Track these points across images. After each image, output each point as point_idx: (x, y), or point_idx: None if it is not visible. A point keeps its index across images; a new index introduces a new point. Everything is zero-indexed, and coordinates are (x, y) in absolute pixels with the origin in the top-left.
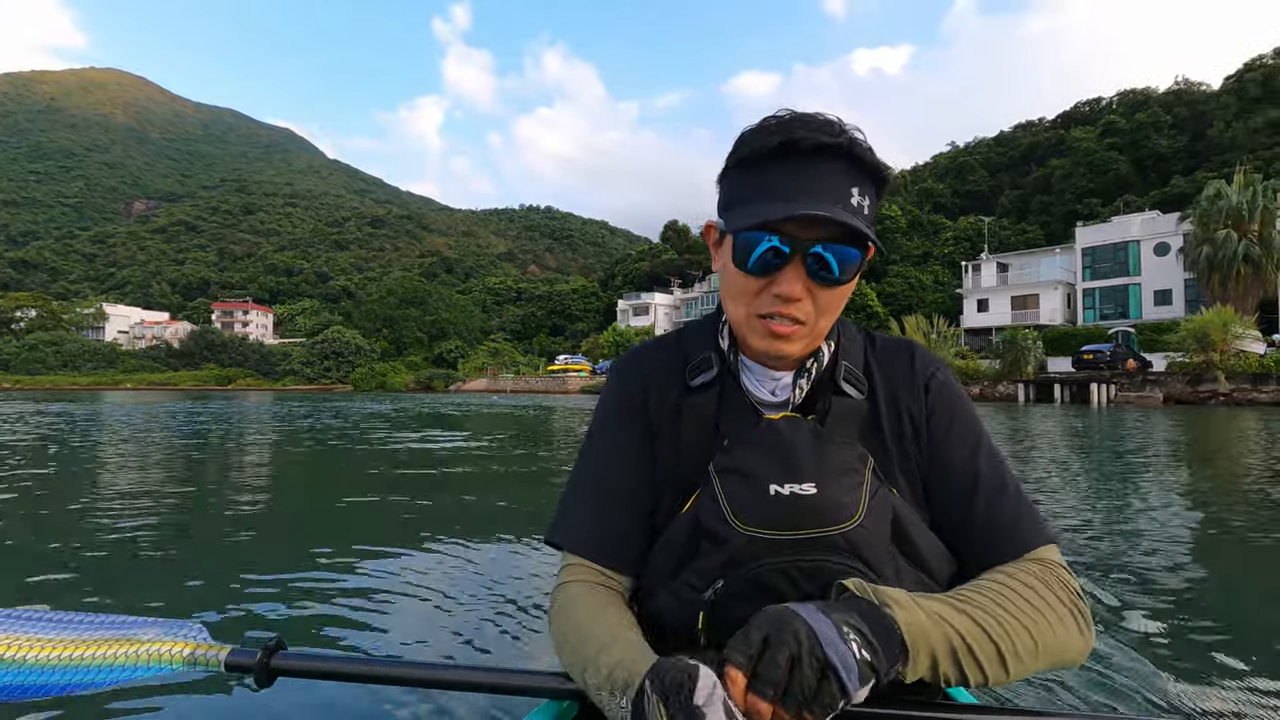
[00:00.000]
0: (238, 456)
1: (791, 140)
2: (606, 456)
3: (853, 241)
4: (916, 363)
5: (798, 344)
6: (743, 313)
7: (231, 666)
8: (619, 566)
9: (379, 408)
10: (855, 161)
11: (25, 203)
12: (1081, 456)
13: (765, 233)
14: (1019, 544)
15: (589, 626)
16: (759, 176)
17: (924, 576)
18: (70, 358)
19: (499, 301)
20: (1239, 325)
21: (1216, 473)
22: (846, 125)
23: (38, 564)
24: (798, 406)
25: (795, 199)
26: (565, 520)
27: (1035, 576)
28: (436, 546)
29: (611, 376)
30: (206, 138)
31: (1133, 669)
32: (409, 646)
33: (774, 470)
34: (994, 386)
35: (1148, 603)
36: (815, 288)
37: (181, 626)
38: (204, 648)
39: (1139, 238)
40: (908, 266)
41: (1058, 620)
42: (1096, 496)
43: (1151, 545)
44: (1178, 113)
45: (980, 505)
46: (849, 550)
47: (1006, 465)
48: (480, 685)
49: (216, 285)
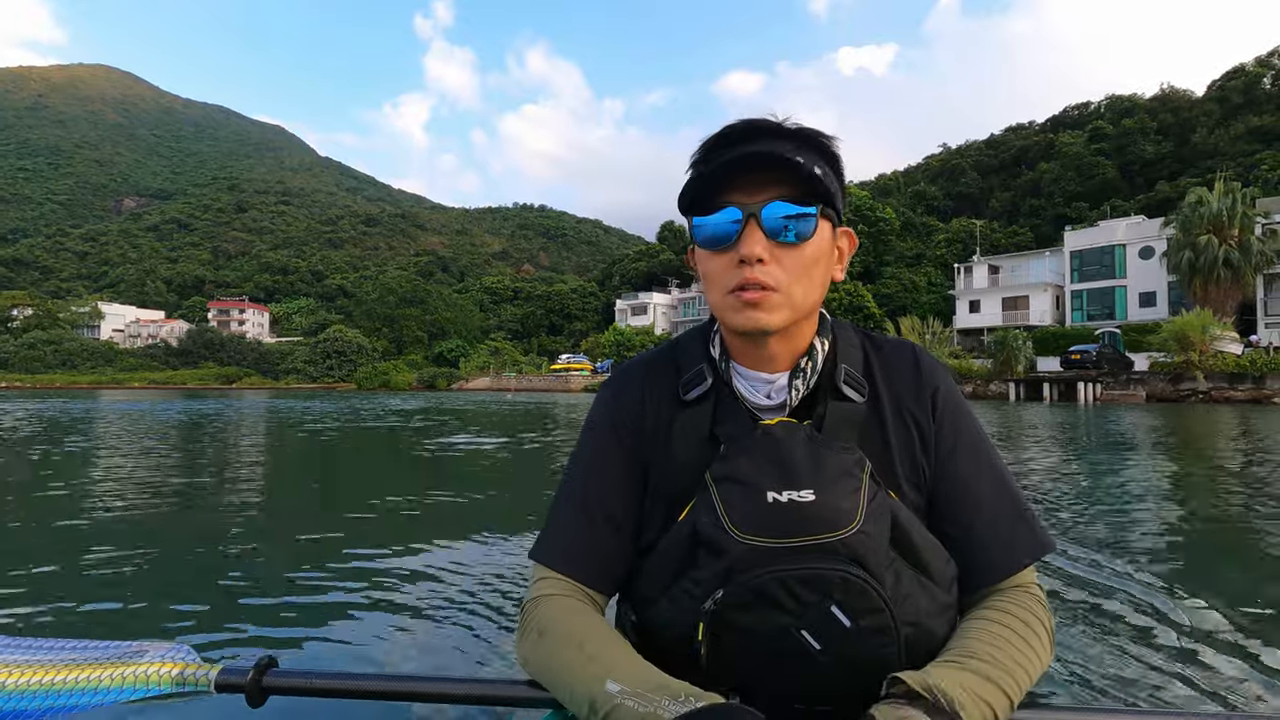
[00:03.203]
0: (241, 459)
1: (729, 128)
2: (594, 474)
3: (805, 199)
4: (922, 369)
5: (775, 314)
6: (718, 295)
7: (222, 686)
8: (599, 584)
9: (413, 404)
10: (795, 138)
11: (14, 200)
12: (1069, 447)
13: (724, 208)
14: (1014, 563)
15: (584, 645)
16: (704, 165)
17: (924, 579)
18: (69, 357)
19: (496, 301)
20: (1217, 327)
21: (1190, 459)
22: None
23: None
24: (795, 410)
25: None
26: (547, 535)
27: (1029, 611)
28: (437, 556)
29: (603, 393)
30: (197, 135)
31: (1106, 658)
32: (406, 660)
33: (771, 477)
34: (986, 385)
35: (1133, 580)
36: (777, 249)
37: (168, 648)
38: (193, 667)
39: (1125, 241)
40: (902, 268)
41: (1044, 651)
42: (1083, 480)
43: (1133, 521)
44: (1163, 119)
45: (982, 523)
46: (848, 556)
47: (1008, 474)
48: (482, 699)
49: (211, 283)
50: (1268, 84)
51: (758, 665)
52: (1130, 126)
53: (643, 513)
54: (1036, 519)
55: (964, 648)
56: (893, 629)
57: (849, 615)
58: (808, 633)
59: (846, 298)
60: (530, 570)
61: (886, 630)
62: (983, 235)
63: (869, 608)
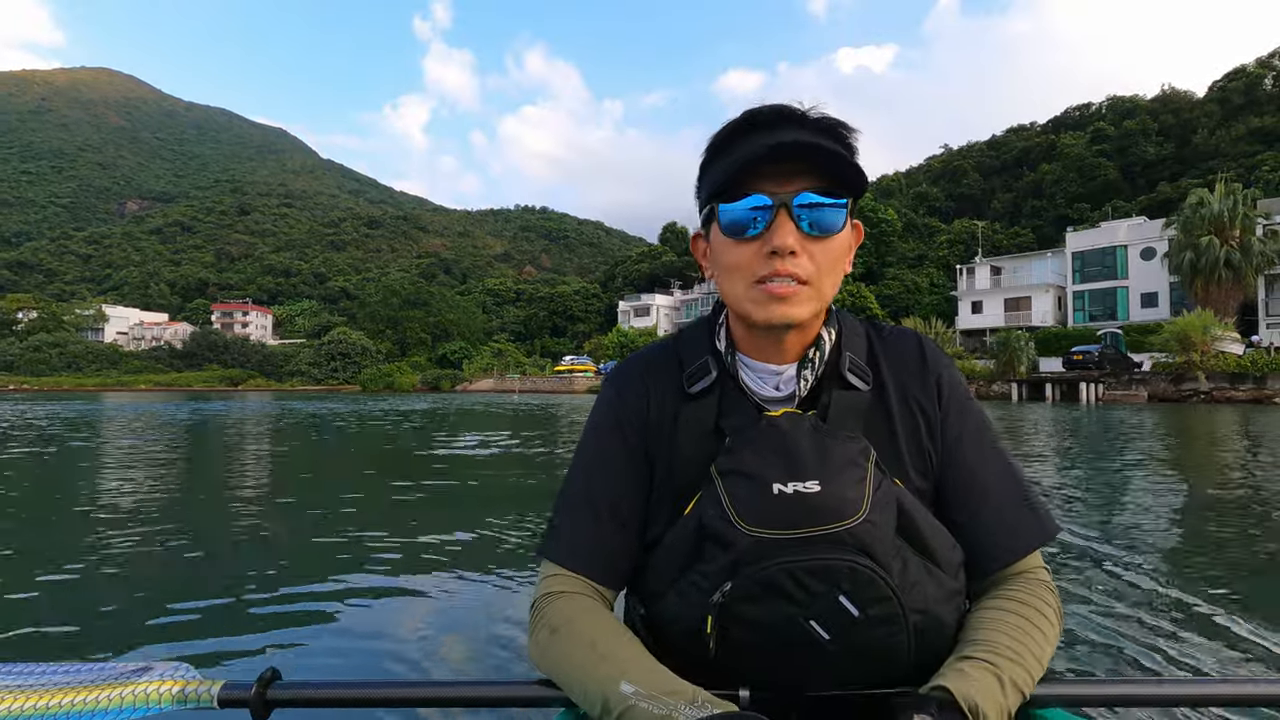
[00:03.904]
0: (242, 462)
1: (754, 112)
2: (599, 470)
3: (836, 191)
4: (927, 356)
5: (803, 307)
6: (741, 286)
7: (225, 702)
8: (607, 581)
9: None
10: (821, 128)
11: (18, 203)
12: (1073, 445)
13: (750, 195)
14: (1022, 548)
15: (596, 644)
16: (729, 152)
17: (932, 566)
18: (74, 359)
19: (499, 303)
20: (1218, 328)
21: (1191, 457)
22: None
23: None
24: (803, 400)
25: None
26: (553, 533)
27: (1041, 599)
28: (442, 561)
29: (606, 388)
30: (199, 138)
31: (1116, 630)
32: (413, 667)
33: (776, 469)
34: (989, 386)
35: (1133, 565)
36: (808, 241)
37: (168, 665)
38: (194, 684)
39: (1126, 243)
40: (904, 269)
41: (1055, 637)
42: (1088, 479)
43: (1131, 511)
44: (1164, 120)
45: (989, 510)
46: (855, 546)
47: (1013, 460)
48: (493, 701)
49: (215, 286)
50: (1269, 85)
51: (766, 656)
52: (1132, 128)
53: (649, 508)
54: (1042, 504)
55: (989, 642)
56: (901, 617)
57: (857, 605)
58: (816, 623)
59: (849, 299)
60: (539, 569)
61: (895, 619)
62: (985, 236)
63: (877, 596)
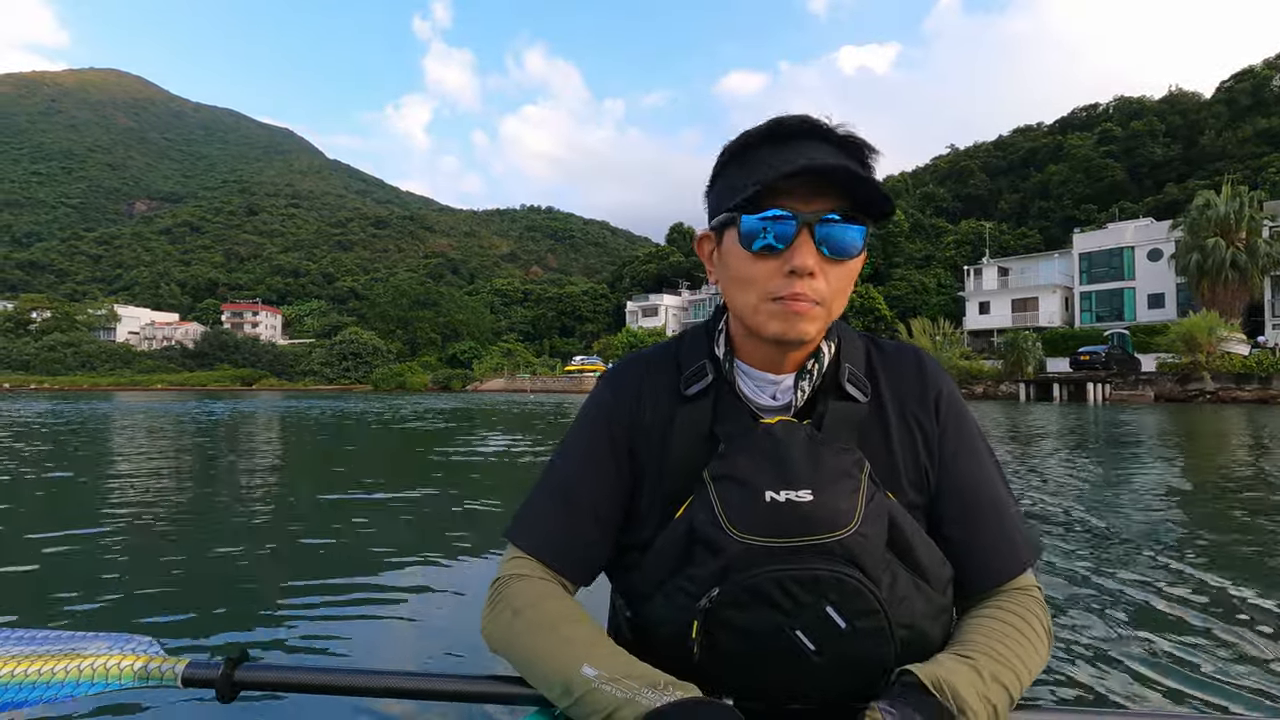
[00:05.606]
0: (242, 461)
1: (780, 122)
2: (579, 463)
3: (857, 215)
4: (926, 373)
5: (815, 324)
6: (753, 300)
7: (190, 681)
8: (571, 573)
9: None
10: (842, 145)
11: (29, 204)
12: (1082, 445)
13: (772, 209)
14: (1017, 565)
15: (559, 627)
16: (754, 162)
17: (921, 582)
18: (88, 359)
19: (507, 303)
20: (1224, 328)
21: (1196, 457)
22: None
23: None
24: (799, 410)
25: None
26: (525, 517)
27: (1031, 612)
28: (423, 549)
29: (601, 385)
30: (207, 138)
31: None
32: (383, 655)
33: (769, 477)
34: (996, 386)
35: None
36: (826, 264)
37: (130, 640)
38: (158, 660)
39: (1133, 244)
40: (911, 270)
41: (1044, 650)
42: (1089, 477)
43: (1134, 519)
44: (1171, 121)
45: (984, 527)
46: (845, 558)
47: (1004, 478)
48: (464, 695)
49: (224, 286)
50: (1276, 86)
51: (751, 664)
52: (1139, 129)
53: (631, 508)
54: (1026, 527)
55: (971, 642)
56: (888, 631)
57: (844, 617)
58: (802, 633)
59: (857, 300)
60: (505, 550)
61: (881, 632)
62: (992, 237)
63: (864, 609)
